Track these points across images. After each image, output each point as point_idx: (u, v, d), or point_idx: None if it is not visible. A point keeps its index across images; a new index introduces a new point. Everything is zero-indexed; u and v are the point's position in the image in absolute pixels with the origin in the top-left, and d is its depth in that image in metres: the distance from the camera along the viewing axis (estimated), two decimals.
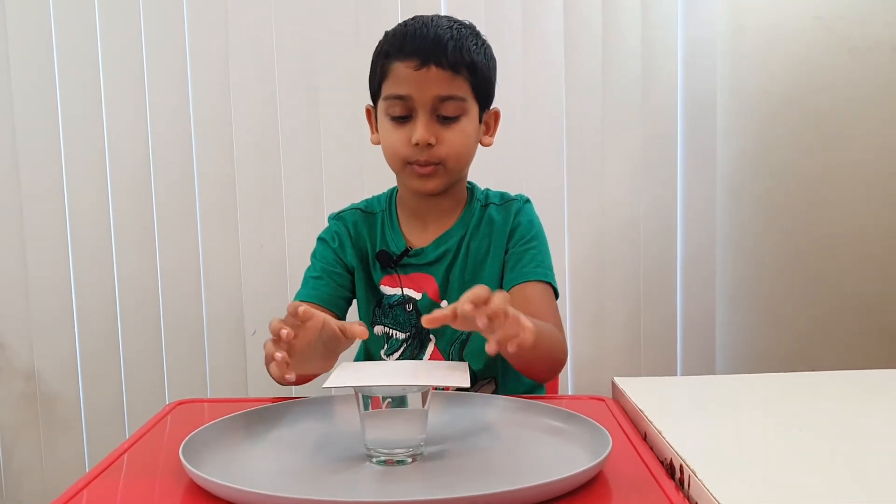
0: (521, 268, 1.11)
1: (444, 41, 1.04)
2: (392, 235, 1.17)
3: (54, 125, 1.77)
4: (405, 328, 1.15)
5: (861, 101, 1.77)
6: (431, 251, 1.14)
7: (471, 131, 1.09)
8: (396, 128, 1.07)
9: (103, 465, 0.75)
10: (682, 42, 1.76)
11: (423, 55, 1.03)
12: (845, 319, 1.82)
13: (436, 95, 1.04)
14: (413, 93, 1.04)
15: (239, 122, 1.77)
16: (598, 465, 0.68)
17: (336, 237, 1.19)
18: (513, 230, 1.14)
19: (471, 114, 1.08)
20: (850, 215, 1.80)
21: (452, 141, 1.06)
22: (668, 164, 1.78)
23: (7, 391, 1.83)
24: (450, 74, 1.04)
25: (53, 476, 1.84)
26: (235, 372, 1.82)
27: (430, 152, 1.06)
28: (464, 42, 1.06)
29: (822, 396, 0.94)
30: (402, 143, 1.07)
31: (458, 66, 1.04)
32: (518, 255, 1.13)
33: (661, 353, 1.82)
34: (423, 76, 1.04)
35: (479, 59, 1.07)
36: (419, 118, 1.05)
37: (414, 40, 1.05)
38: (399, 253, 1.15)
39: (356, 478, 0.72)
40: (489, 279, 1.13)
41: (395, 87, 1.06)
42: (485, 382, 1.16)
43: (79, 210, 1.79)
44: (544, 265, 1.12)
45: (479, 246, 1.14)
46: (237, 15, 1.75)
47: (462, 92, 1.06)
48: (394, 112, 1.07)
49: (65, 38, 1.75)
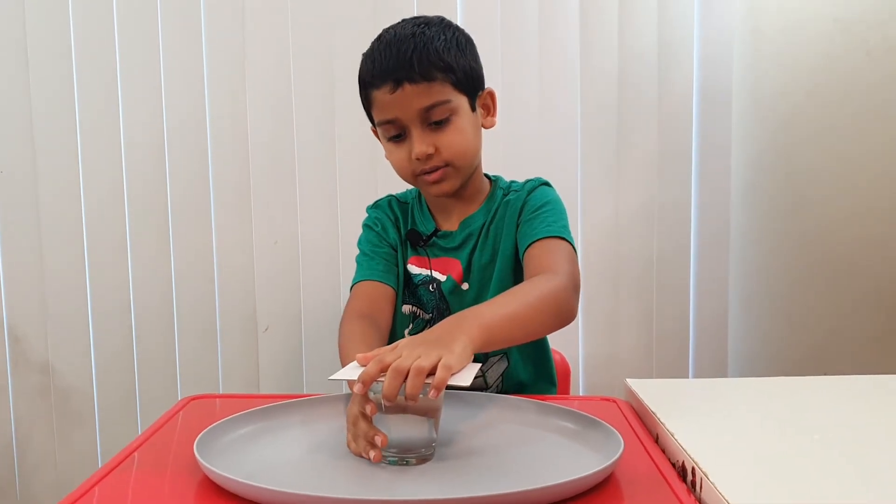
0: (529, 230, 1.12)
1: (408, 56, 1.03)
2: (422, 218, 1.21)
3: (72, 124, 1.78)
4: (428, 308, 1.18)
5: (878, 104, 1.76)
6: (458, 234, 1.17)
7: (466, 126, 1.09)
8: (397, 147, 1.09)
9: (116, 461, 0.75)
10: (698, 43, 1.75)
11: (394, 77, 1.03)
12: (860, 322, 1.81)
13: (419, 109, 1.04)
14: (398, 114, 1.05)
15: (254, 120, 1.78)
16: (610, 467, 0.68)
17: (377, 222, 1.22)
18: (524, 204, 1.16)
19: (461, 110, 1.08)
20: (865, 218, 1.79)
21: (450, 142, 1.07)
22: (683, 166, 1.78)
23: (22, 384, 1.85)
24: (425, 85, 1.04)
25: (67, 468, 1.85)
26: (248, 367, 1.83)
27: (433, 160, 1.07)
28: (428, 47, 1.04)
29: (836, 401, 0.94)
30: (405, 160, 1.09)
31: (429, 74, 1.04)
32: (528, 222, 1.13)
33: (673, 354, 1.81)
34: (399, 97, 1.04)
35: (449, 57, 1.06)
36: (413, 133, 1.06)
37: (381, 65, 1.05)
38: (428, 233, 1.18)
39: (369, 475, 0.72)
40: (503, 258, 1.15)
41: (382, 114, 1.07)
42: (496, 360, 1.18)
43: (94, 206, 1.80)
44: (556, 224, 1.11)
45: (497, 228, 1.16)
46: (254, 14, 1.75)
47: (443, 95, 1.06)
48: (389, 134, 1.09)
49: (83, 38, 1.76)
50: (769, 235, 1.81)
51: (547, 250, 1.08)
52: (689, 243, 1.80)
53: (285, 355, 1.82)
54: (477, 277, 1.16)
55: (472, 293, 1.15)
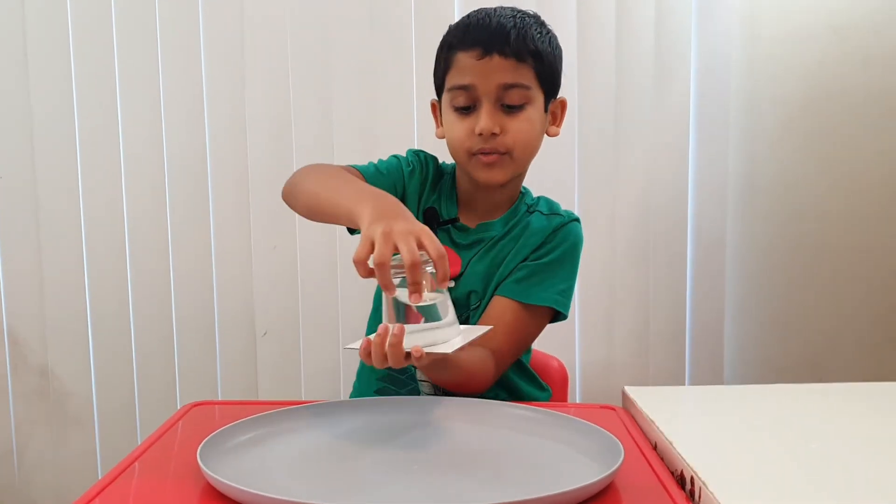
0: (525, 286, 1.10)
1: (507, 30, 1.04)
2: (447, 201, 1.17)
3: (71, 130, 1.78)
4: None
5: (875, 111, 1.77)
6: (473, 234, 1.14)
7: (536, 120, 1.08)
8: (461, 119, 1.07)
9: (119, 469, 0.75)
10: (695, 49, 1.76)
11: (486, 44, 1.03)
12: (856, 329, 1.82)
13: (499, 84, 1.04)
14: (476, 82, 1.04)
15: (252, 124, 1.78)
16: (610, 476, 0.69)
17: (411, 164, 1.17)
18: (542, 244, 1.12)
19: (536, 103, 1.08)
20: (861, 224, 1.80)
21: (518, 129, 1.06)
22: (679, 173, 1.78)
23: (21, 387, 1.85)
24: (513, 63, 1.04)
25: (66, 472, 1.85)
26: (246, 372, 1.83)
27: (495, 142, 1.05)
28: (527, 31, 1.05)
29: (834, 408, 0.94)
30: (467, 134, 1.06)
31: (521, 54, 1.04)
32: (531, 271, 1.11)
33: (669, 360, 1.82)
34: (485, 65, 1.03)
35: (543, 47, 1.06)
36: (483, 108, 1.05)
37: (476, 30, 1.05)
38: (448, 219, 1.15)
39: (370, 483, 0.73)
40: (499, 277, 1.12)
41: (459, 78, 1.06)
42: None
43: (93, 210, 1.81)
44: (554, 289, 1.10)
45: (507, 246, 1.13)
46: (252, 19, 1.76)
47: (526, 80, 1.05)
48: (458, 103, 1.07)
49: (82, 40, 1.77)
50: (765, 241, 1.82)
51: (514, 320, 1.08)
52: (685, 249, 1.80)
53: (284, 359, 1.82)
54: (468, 281, 1.13)
55: (456, 292, 1.13)
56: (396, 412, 0.91)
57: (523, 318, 1.09)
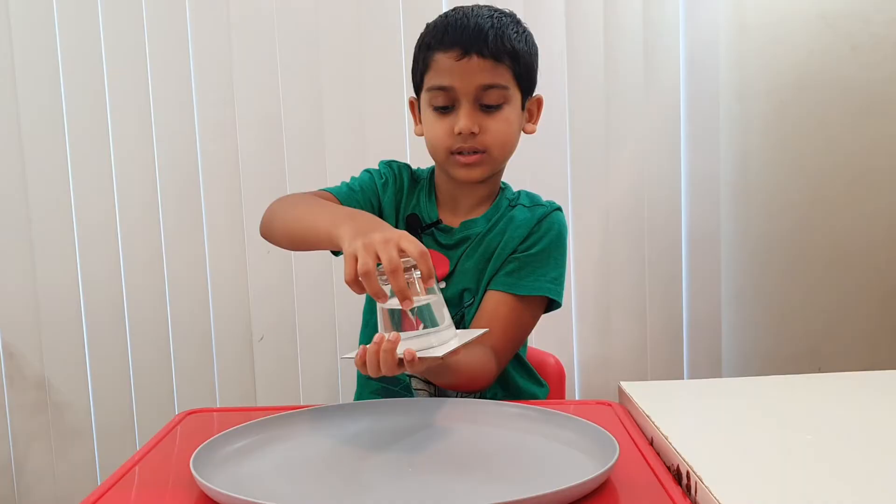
0: (515, 278, 1.11)
1: (485, 30, 1.05)
2: (427, 205, 1.18)
3: (60, 134, 1.78)
4: None
5: (864, 99, 1.77)
6: (457, 233, 1.15)
7: (514, 119, 1.10)
8: (440, 118, 1.08)
9: (114, 479, 0.75)
10: (684, 41, 1.76)
11: (464, 45, 1.04)
12: (853, 319, 1.82)
13: (478, 84, 1.05)
14: (455, 83, 1.05)
15: (244, 127, 1.78)
16: (606, 473, 0.69)
17: (384, 176, 1.19)
18: (528, 235, 1.14)
19: (513, 102, 1.09)
20: (854, 213, 1.80)
21: (496, 129, 1.07)
22: (671, 166, 1.78)
23: (18, 400, 1.84)
24: (491, 63, 1.05)
25: (65, 484, 1.84)
26: (243, 377, 1.83)
27: (474, 141, 1.07)
28: (504, 31, 1.06)
29: (831, 399, 0.94)
30: (446, 134, 1.08)
31: (499, 54, 1.05)
32: (521, 265, 1.12)
33: (667, 354, 1.82)
34: (464, 66, 1.05)
35: (520, 46, 1.08)
36: (462, 108, 1.06)
37: (455, 31, 1.06)
38: (429, 222, 1.16)
39: (366, 488, 0.72)
40: (489, 271, 1.13)
41: (438, 78, 1.07)
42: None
43: (86, 218, 1.80)
44: (545, 278, 1.11)
45: (492, 241, 1.14)
46: (240, 21, 1.76)
47: (504, 80, 1.07)
48: (436, 102, 1.08)
49: (69, 42, 1.76)
50: (759, 233, 1.82)
51: (508, 313, 1.09)
52: (679, 243, 1.80)
53: (280, 364, 1.82)
54: (460, 279, 1.14)
55: (449, 292, 1.13)
56: (392, 414, 0.91)
57: (518, 310, 1.10)
